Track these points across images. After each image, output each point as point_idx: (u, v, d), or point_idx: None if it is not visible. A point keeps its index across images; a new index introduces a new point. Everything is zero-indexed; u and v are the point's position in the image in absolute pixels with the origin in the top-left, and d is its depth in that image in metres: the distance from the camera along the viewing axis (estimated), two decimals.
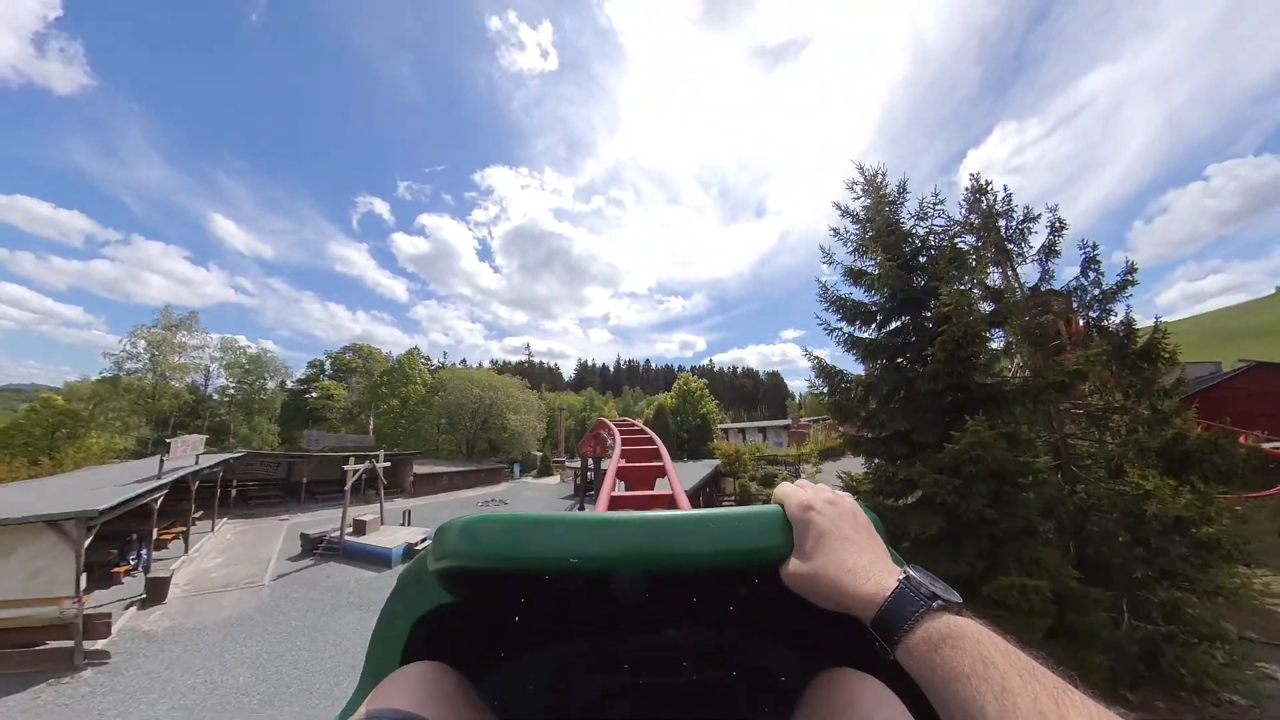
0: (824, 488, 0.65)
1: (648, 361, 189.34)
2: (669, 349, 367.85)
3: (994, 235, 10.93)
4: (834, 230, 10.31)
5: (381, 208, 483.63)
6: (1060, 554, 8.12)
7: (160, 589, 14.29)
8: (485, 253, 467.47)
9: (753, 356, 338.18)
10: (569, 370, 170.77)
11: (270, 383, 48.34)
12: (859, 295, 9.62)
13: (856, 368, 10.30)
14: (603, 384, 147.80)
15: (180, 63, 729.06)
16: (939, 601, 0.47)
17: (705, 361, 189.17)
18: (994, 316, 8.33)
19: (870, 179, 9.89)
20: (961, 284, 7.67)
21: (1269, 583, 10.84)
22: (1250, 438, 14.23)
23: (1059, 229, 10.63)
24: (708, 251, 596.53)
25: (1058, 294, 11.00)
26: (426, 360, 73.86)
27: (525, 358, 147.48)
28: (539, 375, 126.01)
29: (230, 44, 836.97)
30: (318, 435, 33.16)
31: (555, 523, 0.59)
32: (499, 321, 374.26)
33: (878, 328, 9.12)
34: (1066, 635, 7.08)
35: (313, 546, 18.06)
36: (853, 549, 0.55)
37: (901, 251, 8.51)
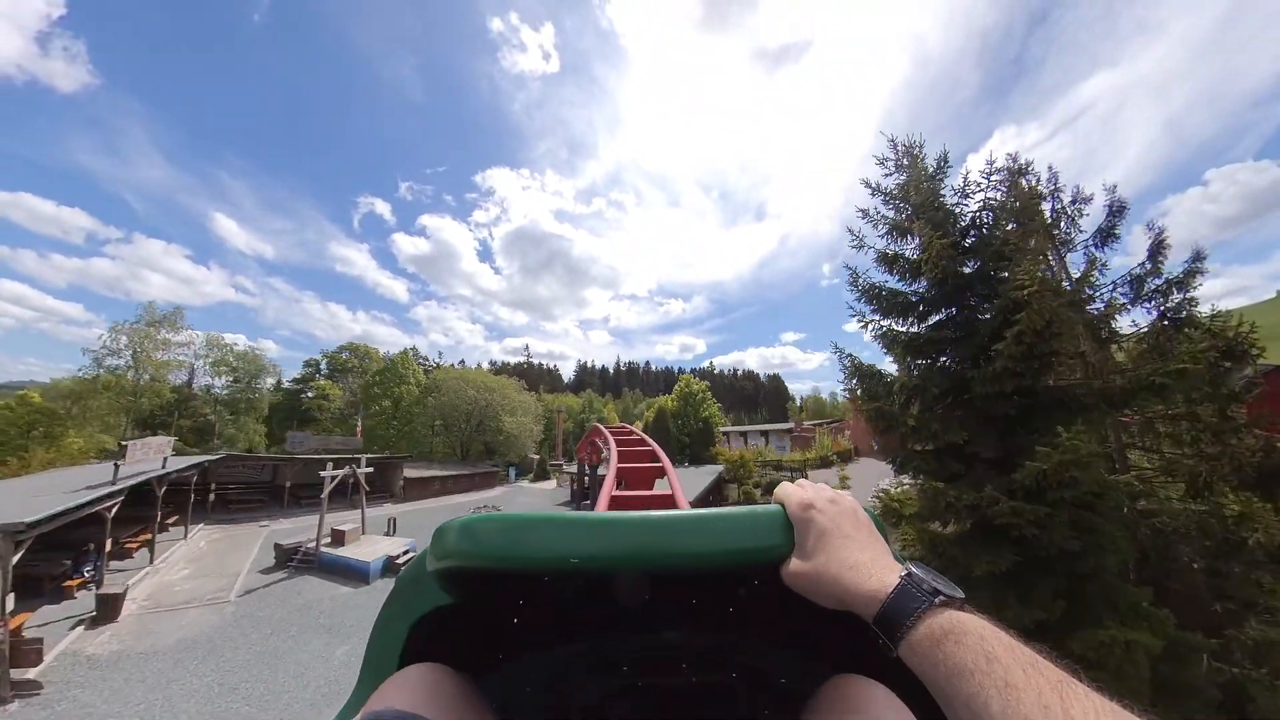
0: (824, 487, 0.63)
1: (647, 363, 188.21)
2: (669, 351, 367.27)
3: (1039, 219, 9.74)
4: (862, 212, 9.05)
5: (383, 208, 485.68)
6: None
7: (112, 606, 13.00)
8: (486, 254, 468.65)
9: (753, 359, 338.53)
10: (568, 372, 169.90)
11: (267, 381, 47.31)
12: (892, 284, 8.40)
13: (883, 364, 9.08)
14: (602, 386, 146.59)
15: (183, 62, 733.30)
16: (941, 597, 0.46)
17: (705, 364, 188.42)
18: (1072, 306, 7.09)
19: (907, 150, 8.65)
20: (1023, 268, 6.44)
21: None
22: None
23: (1118, 211, 9.42)
24: (708, 254, 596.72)
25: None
26: (425, 360, 72.78)
27: (524, 359, 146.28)
28: (538, 376, 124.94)
29: (232, 44, 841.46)
30: (302, 437, 31.70)
31: (555, 522, 0.58)
32: (499, 323, 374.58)
33: (918, 320, 7.91)
34: (1160, 689, 5.80)
35: (287, 558, 16.79)
36: (854, 547, 0.54)
37: (950, 231, 7.30)
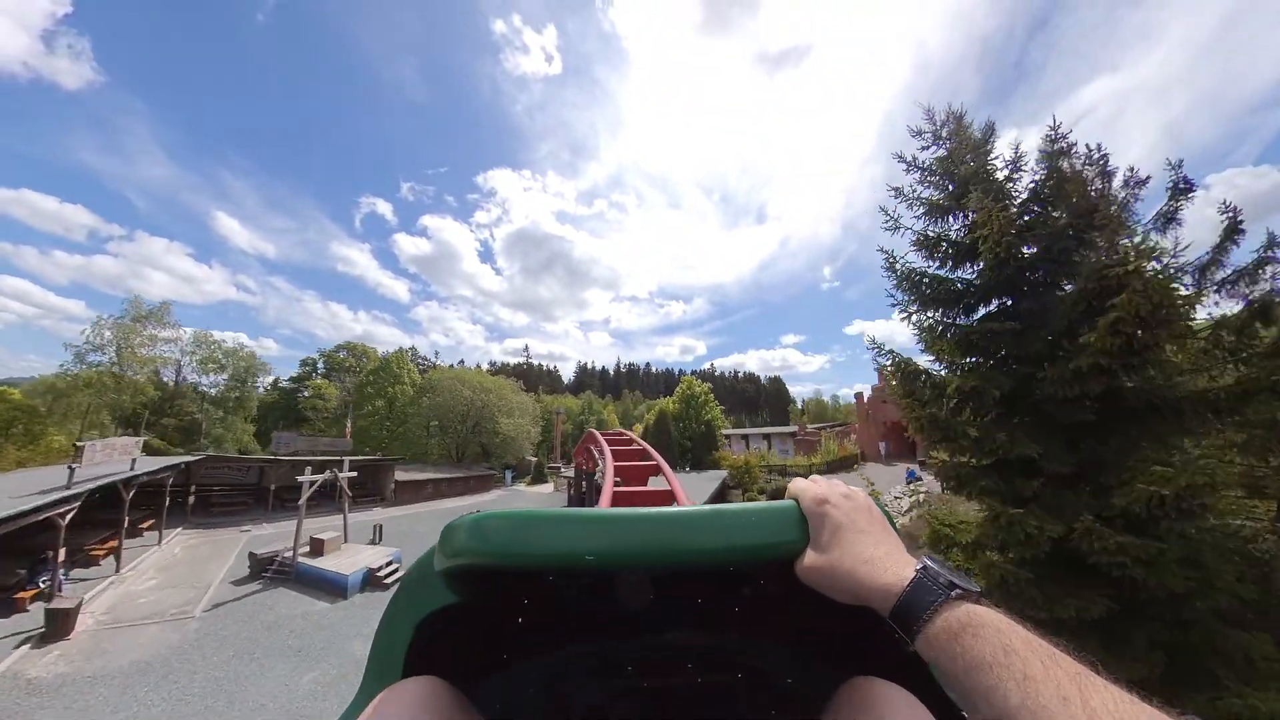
0: (838, 482, 0.63)
1: (648, 365, 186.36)
2: (669, 353, 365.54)
3: (1082, 202, 8.68)
4: (894, 190, 7.98)
5: (384, 208, 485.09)
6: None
7: (63, 622, 11.86)
8: (487, 254, 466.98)
9: (753, 361, 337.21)
10: (568, 373, 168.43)
11: (259, 380, 46.19)
12: (933, 270, 7.34)
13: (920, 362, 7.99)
14: (602, 387, 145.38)
15: (186, 61, 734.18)
16: (958, 590, 0.46)
17: (706, 365, 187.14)
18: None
19: (950, 118, 7.58)
20: (1102, 251, 5.40)
21: None
22: None
23: (1183, 192, 8.34)
24: (709, 256, 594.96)
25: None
26: (423, 361, 71.65)
27: (524, 360, 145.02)
28: (538, 377, 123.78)
29: (236, 43, 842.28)
30: (288, 437, 30.48)
31: (566, 519, 0.57)
32: (500, 323, 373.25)
33: (964, 311, 6.84)
34: None
35: (262, 568, 15.66)
36: (869, 541, 0.54)
37: (1007, 209, 6.26)
